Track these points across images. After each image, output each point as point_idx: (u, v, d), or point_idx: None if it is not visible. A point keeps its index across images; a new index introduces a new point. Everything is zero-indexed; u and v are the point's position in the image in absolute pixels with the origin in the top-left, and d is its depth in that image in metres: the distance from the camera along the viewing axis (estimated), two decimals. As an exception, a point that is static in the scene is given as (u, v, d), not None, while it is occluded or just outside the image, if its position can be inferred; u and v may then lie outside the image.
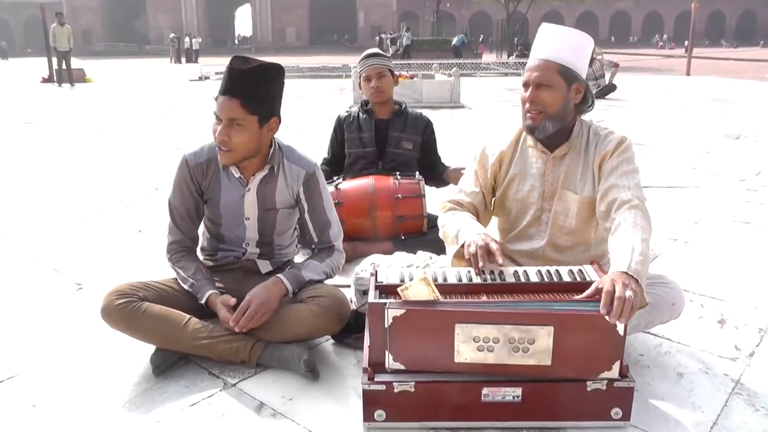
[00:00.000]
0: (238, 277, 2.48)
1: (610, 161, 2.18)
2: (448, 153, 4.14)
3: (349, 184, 3.50)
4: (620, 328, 1.73)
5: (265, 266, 2.52)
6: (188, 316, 2.26)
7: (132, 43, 59.11)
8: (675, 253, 3.71)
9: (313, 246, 2.54)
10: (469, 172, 2.44)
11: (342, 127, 3.73)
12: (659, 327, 2.46)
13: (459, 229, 2.19)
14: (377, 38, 34.83)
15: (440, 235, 2.35)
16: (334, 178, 3.59)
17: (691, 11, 22.03)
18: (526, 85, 2.19)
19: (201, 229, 2.56)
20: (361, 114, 3.72)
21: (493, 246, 2.02)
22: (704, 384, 2.25)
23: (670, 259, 3.59)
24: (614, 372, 1.79)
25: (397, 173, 3.52)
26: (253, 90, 2.17)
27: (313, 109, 11.33)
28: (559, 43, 2.17)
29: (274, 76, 2.24)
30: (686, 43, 23.10)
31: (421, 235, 3.41)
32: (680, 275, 3.27)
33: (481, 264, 1.97)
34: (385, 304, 1.74)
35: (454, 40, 30.61)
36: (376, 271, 1.97)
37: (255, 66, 2.17)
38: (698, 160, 6.68)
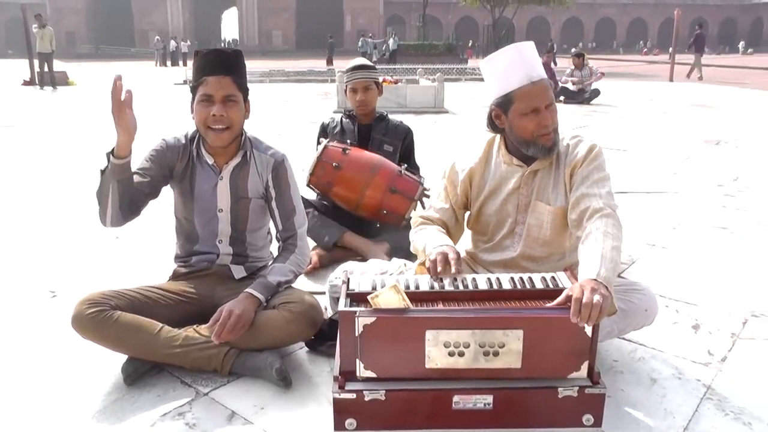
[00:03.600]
0: (212, 282, 2.48)
1: (581, 170, 2.19)
2: (431, 158, 4.17)
3: (357, 154, 3.50)
4: (588, 329, 1.75)
5: (238, 271, 2.51)
6: (161, 324, 2.25)
7: (117, 45, 58.75)
8: (653, 258, 3.74)
9: (277, 236, 2.56)
10: (438, 188, 2.46)
11: (326, 132, 3.79)
12: (634, 333, 2.49)
13: (426, 242, 2.21)
14: (360, 41, 34.72)
15: (411, 249, 2.37)
16: (348, 141, 3.57)
17: (674, 18, 22.27)
18: (536, 110, 2.15)
19: (174, 236, 2.56)
20: (344, 119, 3.80)
21: (451, 255, 2.05)
22: (677, 389, 2.27)
23: (648, 265, 3.62)
24: (583, 372, 1.81)
25: (405, 165, 3.56)
26: (239, 69, 2.35)
27: (298, 114, 11.31)
28: (537, 63, 2.20)
29: (243, 59, 2.41)
30: (670, 49, 23.22)
31: (400, 230, 3.41)
32: (657, 281, 3.31)
33: (439, 269, 1.99)
34: (356, 312, 1.74)
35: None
36: (348, 279, 1.97)
37: (234, 50, 2.37)
38: (678, 165, 6.74)
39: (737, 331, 2.78)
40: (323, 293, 2.57)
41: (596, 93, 13.47)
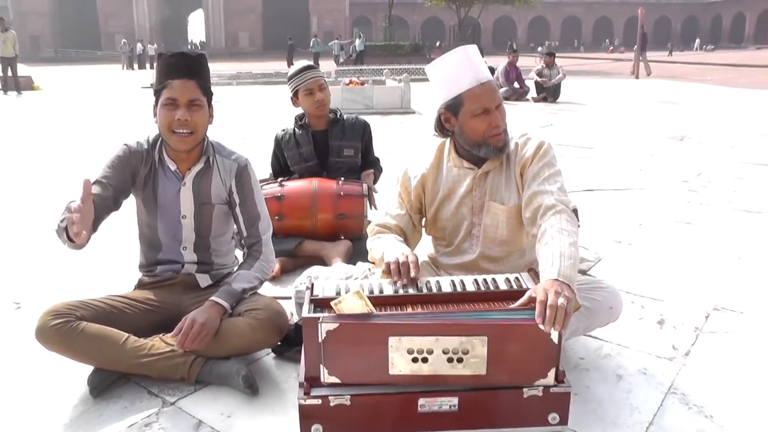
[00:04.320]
0: (178, 291, 2.46)
1: (531, 167, 2.21)
2: (398, 160, 4.16)
3: (293, 183, 3.52)
4: (554, 335, 1.75)
5: (204, 280, 2.50)
6: (126, 334, 2.22)
7: (83, 48, 57.89)
8: (619, 255, 3.79)
9: (242, 242, 2.53)
10: (393, 195, 2.46)
11: (281, 146, 3.71)
12: (600, 330, 2.51)
13: (384, 250, 2.20)
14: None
15: (369, 258, 2.36)
16: (279, 179, 3.57)
17: (638, 16, 22.67)
18: (487, 112, 2.17)
19: (138, 245, 2.54)
20: (297, 130, 3.68)
21: (411, 258, 2.06)
22: (642, 385, 2.31)
23: (614, 262, 3.66)
24: (550, 379, 1.81)
25: (341, 178, 3.54)
26: (203, 72, 2.34)
27: (265, 117, 11.21)
28: (483, 66, 2.23)
29: (207, 63, 2.39)
30: (639, 47, 24.03)
31: (361, 238, 3.41)
32: (623, 277, 3.36)
33: (401, 271, 2.00)
34: (319, 318, 1.74)
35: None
36: (312, 284, 1.97)
37: (199, 53, 2.37)
38: (644, 162, 6.82)
39: (700, 325, 2.83)
40: (289, 298, 2.56)
41: (558, 89, 13.68)
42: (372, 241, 2.36)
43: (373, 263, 2.36)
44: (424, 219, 2.47)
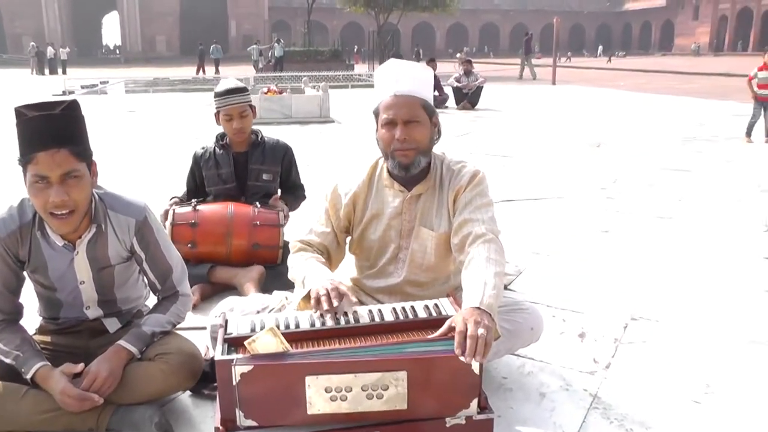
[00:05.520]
0: (84, 337, 2.25)
1: (464, 195, 2.19)
2: (317, 171, 4.09)
3: (207, 207, 3.39)
4: (475, 366, 1.72)
5: (112, 324, 2.28)
6: (26, 387, 2.00)
7: (-15, 51, 55.07)
8: (539, 267, 3.81)
9: (157, 293, 2.33)
10: (320, 211, 2.38)
11: (199, 165, 3.55)
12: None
13: (305, 275, 2.13)
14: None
15: (289, 276, 2.28)
16: (193, 201, 3.42)
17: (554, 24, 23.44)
18: (391, 123, 2.14)
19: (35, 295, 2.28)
20: (217, 149, 3.53)
21: (343, 288, 1.99)
22: (565, 401, 2.32)
23: (535, 274, 3.68)
24: (472, 409, 1.78)
25: (258, 203, 3.42)
26: (75, 133, 1.92)
27: (183, 127, 10.87)
28: (416, 80, 2.18)
29: (80, 112, 1.97)
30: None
31: (276, 266, 3.33)
32: (544, 291, 3.39)
33: (326, 306, 1.92)
34: (232, 360, 1.66)
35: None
36: (227, 321, 1.87)
37: (65, 105, 1.90)
38: (562, 170, 6.95)
39: (619, 336, 2.88)
40: (204, 328, 2.43)
41: (478, 94, 13.91)
42: (294, 259, 2.28)
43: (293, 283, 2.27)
44: (349, 238, 2.40)
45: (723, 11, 68.93)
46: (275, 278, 3.16)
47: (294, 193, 3.71)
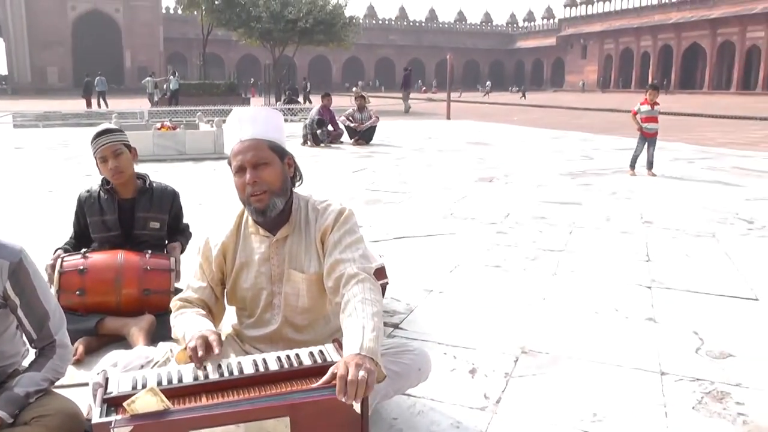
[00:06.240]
0: None
1: (332, 235, 2.21)
2: (209, 211, 4.01)
3: (98, 255, 3.29)
4: (356, 406, 1.75)
5: None
6: None
7: None
8: (431, 304, 3.86)
9: (32, 344, 2.22)
10: (194, 266, 2.37)
11: (83, 210, 3.42)
12: (413, 387, 2.54)
13: (186, 330, 2.11)
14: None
15: (173, 335, 2.24)
16: (83, 249, 3.31)
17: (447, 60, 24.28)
18: (241, 169, 2.15)
19: None
20: (102, 194, 3.41)
21: (211, 338, 1.97)
22: (455, 440, 2.35)
23: (426, 311, 3.72)
24: (359, 450, 1.80)
25: (149, 251, 3.35)
26: None
27: (74, 165, 10.40)
28: (260, 123, 2.20)
29: None
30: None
31: (167, 313, 3.23)
32: (435, 327, 3.44)
33: (200, 354, 1.90)
34: (110, 423, 1.60)
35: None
36: (107, 380, 1.81)
37: None
38: (455, 205, 7.05)
39: (510, 370, 2.95)
40: (86, 384, 2.33)
41: (372, 132, 14.06)
42: (175, 318, 2.24)
43: (177, 342, 2.23)
44: (225, 289, 2.37)
45: (608, 51, 73.44)
46: (166, 326, 3.02)
47: (184, 234, 3.67)
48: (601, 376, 2.91)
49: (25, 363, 2.30)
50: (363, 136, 13.85)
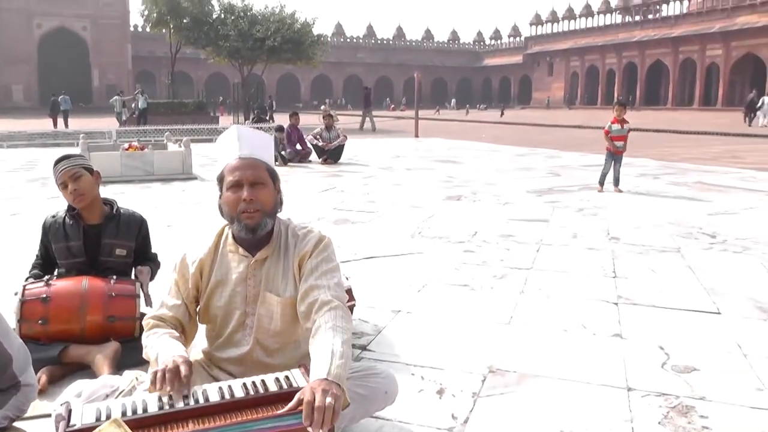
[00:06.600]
0: None
1: (310, 261, 2.24)
2: (178, 231, 3.99)
3: (61, 282, 3.24)
4: (322, 433, 1.76)
5: None
6: None
7: None
8: (398, 325, 3.85)
9: None
10: (170, 283, 2.37)
11: (47, 235, 3.38)
12: (381, 408, 2.55)
13: (158, 352, 2.10)
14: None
15: (144, 356, 2.23)
16: (46, 277, 3.27)
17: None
18: (238, 185, 2.19)
19: None
20: (68, 220, 3.37)
21: (183, 368, 1.96)
22: (422, 461, 2.37)
23: (394, 332, 3.72)
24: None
25: (114, 276, 3.32)
26: None
27: (40, 188, 10.18)
28: (258, 144, 2.26)
29: None
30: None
31: (133, 340, 3.16)
32: (403, 348, 3.44)
33: (168, 388, 1.90)
34: (73, 456, 1.59)
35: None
36: (70, 412, 1.79)
37: None
38: (423, 224, 7.05)
39: (477, 389, 2.97)
40: (49, 415, 2.29)
41: (340, 151, 14.09)
42: (147, 337, 2.23)
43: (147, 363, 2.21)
44: (199, 307, 2.38)
45: (574, 68, 74.62)
46: (132, 353, 2.99)
47: (154, 261, 3.64)
48: (568, 393, 2.94)
49: None
50: (331, 155, 13.88)
